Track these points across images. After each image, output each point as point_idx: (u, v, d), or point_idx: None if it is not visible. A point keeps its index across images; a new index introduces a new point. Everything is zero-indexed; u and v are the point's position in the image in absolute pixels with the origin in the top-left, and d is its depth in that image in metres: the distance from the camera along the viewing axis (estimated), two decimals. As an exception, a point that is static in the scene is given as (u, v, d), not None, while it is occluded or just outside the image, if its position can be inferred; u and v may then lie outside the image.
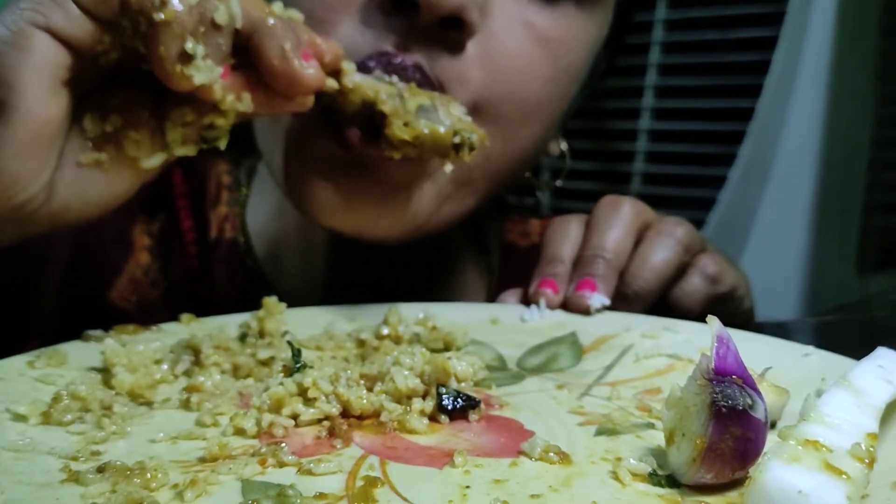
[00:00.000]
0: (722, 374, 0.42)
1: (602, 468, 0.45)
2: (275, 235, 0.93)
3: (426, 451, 0.47)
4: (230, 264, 0.92)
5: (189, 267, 0.91)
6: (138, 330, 0.64)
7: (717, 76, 1.55)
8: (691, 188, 1.59)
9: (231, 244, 0.92)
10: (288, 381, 0.52)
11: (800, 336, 0.65)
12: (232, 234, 0.92)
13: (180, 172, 0.94)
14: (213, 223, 0.93)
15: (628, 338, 0.68)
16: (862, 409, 0.42)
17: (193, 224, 0.92)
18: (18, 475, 0.42)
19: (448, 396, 0.52)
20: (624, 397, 0.56)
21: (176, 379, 0.58)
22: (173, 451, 0.46)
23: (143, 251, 0.90)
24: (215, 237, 0.92)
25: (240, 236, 0.92)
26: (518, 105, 0.75)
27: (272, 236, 0.93)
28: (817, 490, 0.35)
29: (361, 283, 0.89)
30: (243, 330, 0.66)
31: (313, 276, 0.92)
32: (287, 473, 0.44)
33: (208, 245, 0.91)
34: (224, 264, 0.92)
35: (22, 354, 0.58)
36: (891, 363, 0.47)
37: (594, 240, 0.76)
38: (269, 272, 0.93)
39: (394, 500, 0.41)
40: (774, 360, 0.54)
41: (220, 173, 0.96)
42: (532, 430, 0.50)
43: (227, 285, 0.91)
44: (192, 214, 0.93)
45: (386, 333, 0.67)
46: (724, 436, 0.41)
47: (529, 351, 0.66)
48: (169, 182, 0.94)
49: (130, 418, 0.51)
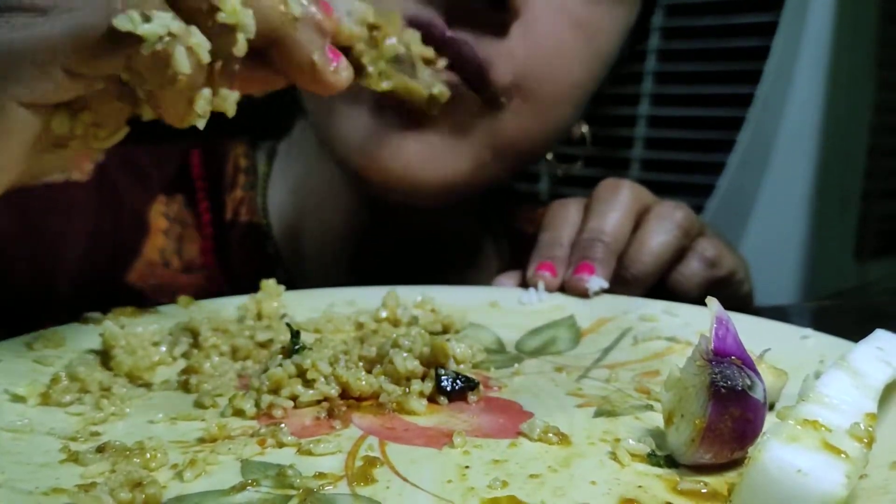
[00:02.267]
0: (721, 355, 0.42)
1: (601, 449, 0.45)
2: (294, 215, 0.94)
3: (425, 431, 0.48)
4: (245, 246, 0.93)
5: (205, 249, 0.92)
6: (137, 312, 0.64)
7: (717, 62, 1.55)
8: (690, 174, 1.59)
9: (246, 227, 0.93)
10: (287, 362, 0.52)
11: (798, 320, 0.65)
12: (247, 217, 0.94)
13: (199, 155, 0.96)
14: (229, 206, 0.94)
15: (627, 321, 0.68)
16: (861, 389, 0.42)
17: (210, 206, 0.93)
18: (18, 455, 0.43)
19: (447, 378, 0.52)
20: (622, 379, 0.56)
21: (175, 361, 0.59)
22: (172, 432, 0.46)
23: (159, 234, 0.91)
24: (230, 220, 0.93)
25: (256, 218, 0.94)
26: (554, 85, 0.80)
27: (292, 216, 0.94)
28: (816, 469, 0.35)
29: (381, 262, 0.91)
30: (242, 312, 0.66)
31: (334, 255, 0.93)
32: (286, 454, 0.44)
33: (224, 227, 0.93)
34: (239, 246, 0.93)
35: (20, 336, 0.58)
36: (889, 345, 0.47)
37: (593, 223, 0.76)
38: (287, 253, 0.94)
39: (393, 480, 0.41)
40: (773, 343, 0.54)
41: (238, 156, 0.97)
42: (531, 411, 0.50)
43: (242, 267, 0.92)
44: (209, 197, 0.94)
45: (384, 316, 0.67)
46: (722, 416, 0.41)
47: (528, 334, 0.66)
48: (187, 164, 0.95)
49: (129, 399, 0.51)
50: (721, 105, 1.53)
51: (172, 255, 0.90)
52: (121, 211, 0.89)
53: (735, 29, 1.50)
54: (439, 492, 0.40)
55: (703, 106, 1.55)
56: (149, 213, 0.91)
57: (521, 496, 0.39)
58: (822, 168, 1.50)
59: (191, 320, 0.61)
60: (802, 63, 1.48)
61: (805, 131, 1.50)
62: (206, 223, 0.93)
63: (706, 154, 1.56)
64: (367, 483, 0.40)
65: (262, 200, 0.95)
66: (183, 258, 0.91)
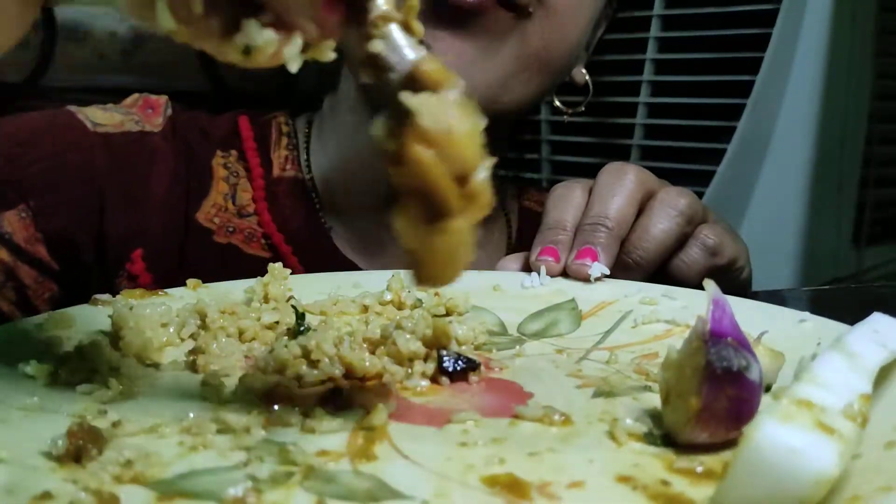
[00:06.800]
0: (717, 337, 0.43)
1: (599, 429, 0.45)
2: (336, 172, 1.02)
3: (427, 410, 0.48)
4: (293, 195, 1.01)
5: (257, 198, 0.99)
6: (145, 294, 0.65)
7: (717, 51, 1.55)
8: (690, 162, 1.59)
9: (293, 180, 1.02)
10: (292, 343, 0.52)
11: (796, 305, 0.66)
12: (293, 172, 1.02)
13: (246, 120, 1.04)
14: (276, 164, 1.02)
15: (627, 304, 0.69)
16: (855, 371, 0.42)
17: (260, 161, 1.01)
18: (27, 433, 0.43)
19: (449, 358, 0.53)
20: (622, 361, 0.57)
21: (182, 342, 0.59)
22: (179, 410, 0.47)
23: (221, 181, 0.99)
24: (277, 176, 1.01)
25: (301, 174, 1.03)
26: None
27: (334, 173, 1.02)
28: (809, 448, 0.35)
29: None
30: (249, 295, 0.66)
31: (366, 213, 1.00)
32: (290, 432, 0.45)
33: (272, 181, 1.01)
34: (288, 195, 1.01)
35: (30, 317, 0.59)
36: (885, 328, 0.47)
37: (597, 208, 0.76)
38: (329, 203, 1.02)
39: (394, 457, 0.42)
40: (771, 326, 0.55)
41: (280, 123, 1.06)
42: (531, 391, 0.51)
43: (290, 215, 1.00)
44: (259, 154, 1.02)
45: (389, 299, 0.68)
46: (718, 396, 0.41)
47: (530, 317, 0.67)
48: (237, 127, 1.03)
49: (138, 379, 0.52)
50: (720, 93, 1.53)
51: (228, 201, 0.98)
52: (192, 158, 0.99)
53: (736, 17, 1.50)
54: (439, 469, 0.40)
55: (703, 94, 1.55)
56: (212, 163, 1.00)
57: (520, 474, 0.39)
58: (820, 155, 1.50)
59: (199, 302, 0.61)
60: (801, 52, 1.47)
61: (803, 119, 1.49)
62: (258, 176, 1.00)
63: (706, 142, 1.56)
64: (369, 460, 0.41)
65: (305, 158, 1.04)
66: (237, 204, 0.99)
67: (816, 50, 1.48)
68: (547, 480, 0.39)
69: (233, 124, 1.04)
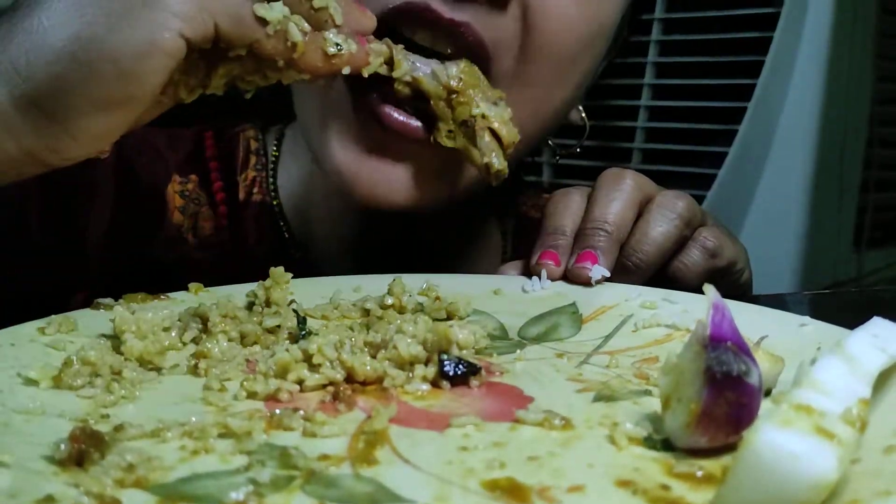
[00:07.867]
0: (717, 341, 0.43)
1: (599, 433, 0.45)
2: (305, 198, 0.97)
3: (427, 414, 0.49)
4: (260, 224, 0.96)
5: (219, 226, 0.95)
6: (147, 298, 0.65)
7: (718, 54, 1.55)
8: (691, 165, 1.59)
9: (260, 206, 0.96)
10: (293, 347, 0.53)
11: (796, 309, 0.66)
12: (260, 196, 0.97)
13: (212, 136, 0.99)
14: (242, 186, 0.97)
15: (627, 308, 0.69)
16: (855, 375, 0.42)
17: (223, 185, 0.96)
18: (29, 437, 0.43)
19: (450, 363, 0.53)
20: (622, 365, 0.57)
21: (184, 346, 0.59)
22: (181, 414, 0.47)
23: (175, 211, 0.94)
24: (244, 199, 0.96)
25: (269, 198, 0.97)
26: (555, 64, 0.81)
27: (302, 199, 0.97)
28: (808, 452, 0.35)
29: (391, 246, 0.93)
30: (250, 299, 0.66)
31: (343, 238, 0.96)
32: (292, 436, 0.45)
33: (238, 206, 0.96)
34: (254, 223, 0.96)
35: (33, 321, 0.59)
36: (885, 332, 0.47)
37: (596, 212, 0.76)
38: (299, 233, 0.97)
39: (395, 461, 0.42)
40: (771, 330, 0.55)
41: (249, 139, 1.00)
42: (531, 396, 0.51)
43: (256, 245, 0.95)
44: (223, 177, 0.97)
45: (390, 303, 0.67)
46: (717, 401, 0.41)
47: (530, 321, 0.67)
48: (201, 146, 0.98)
49: (140, 383, 0.52)
50: (722, 97, 1.54)
51: (188, 232, 0.93)
52: (139, 189, 0.93)
53: (736, 21, 1.51)
54: (439, 473, 0.41)
55: (704, 98, 1.56)
56: (166, 192, 0.94)
57: (520, 478, 0.40)
58: (821, 159, 1.50)
59: (200, 306, 0.61)
60: (802, 55, 1.48)
61: (804, 123, 1.50)
62: (220, 202, 0.95)
63: (707, 145, 1.57)
64: (370, 464, 0.41)
65: (272, 181, 0.98)
66: (198, 235, 0.94)
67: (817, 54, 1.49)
68: (547, 485, 0.39)
69: (196, 143, 0.99)
